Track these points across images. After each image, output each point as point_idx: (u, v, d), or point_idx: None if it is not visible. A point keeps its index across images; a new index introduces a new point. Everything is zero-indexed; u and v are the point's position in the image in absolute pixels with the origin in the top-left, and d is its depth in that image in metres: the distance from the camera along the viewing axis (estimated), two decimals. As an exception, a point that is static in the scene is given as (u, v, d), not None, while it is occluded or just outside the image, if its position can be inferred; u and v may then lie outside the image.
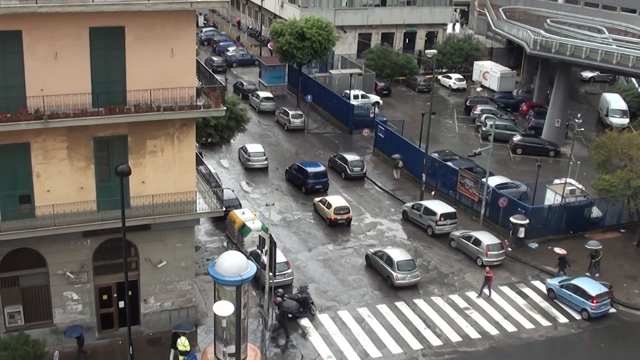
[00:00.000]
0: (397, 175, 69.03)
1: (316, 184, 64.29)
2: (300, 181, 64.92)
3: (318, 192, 63.98)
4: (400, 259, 50.56)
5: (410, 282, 50.24)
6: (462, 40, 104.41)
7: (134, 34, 35.10)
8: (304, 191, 64.39)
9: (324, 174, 65.08)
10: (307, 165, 65.85)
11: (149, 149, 37.48)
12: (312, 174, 64.45)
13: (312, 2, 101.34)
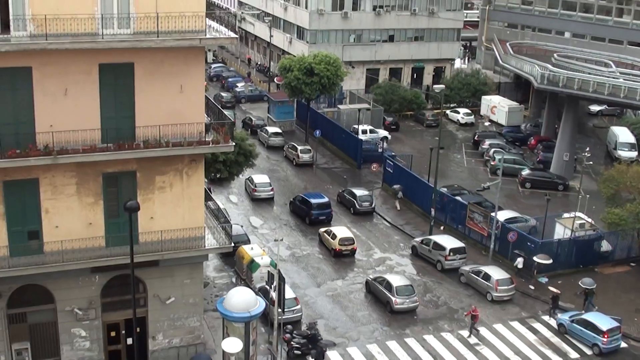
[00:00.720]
0: (398, 206, 69.19)
1: (320, 215, 64.61)
2: (304, 212, 65.30)
3: (322, 223, 64.14)
4: (399, 284, 51.11)
5: (409, 307, 50.73)
6: (469, 75, 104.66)
7: (143, 70, 35.26)
8: (307, 222, 64.72)
9: (327, 205, 65.45)
10: (311, 197, 66.27)
11: (157, 184, 37.50)
12: (315, 205, 64.86)
13: (320, 38, 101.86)
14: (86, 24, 33.26)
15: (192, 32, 35.05)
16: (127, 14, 34.08)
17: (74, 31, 33.04)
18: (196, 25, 35.11)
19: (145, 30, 34.31)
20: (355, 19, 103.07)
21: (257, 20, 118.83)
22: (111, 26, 33.89)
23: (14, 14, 32.68)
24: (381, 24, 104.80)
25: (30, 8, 32.64)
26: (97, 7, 33.45)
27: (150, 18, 34.08)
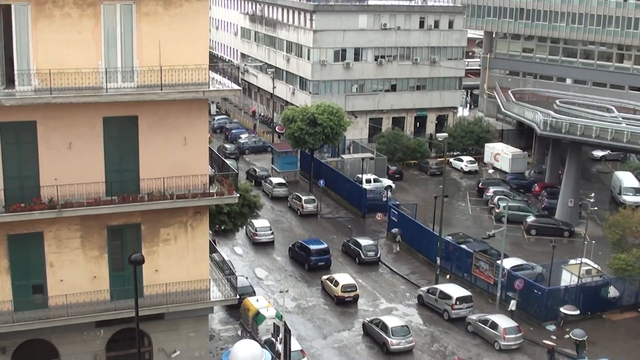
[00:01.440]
0: (397, 249, 69.15)
1: (319, 260, 65.15)
2: (303, 258, 65.84)
3: (321, 269, 64.52)
4: (394, 325, 51.61)
5: (405, 347, 50.96)
6: (472, 122, 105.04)
7: (147, 123, 35.40)
8: (306, 268, 65.22)
9: (326, 251, 65.94)
10: (310, 243, 66.80)
11: (162, 237, 37.44)
12: (314, 251, 65.39)
13: (323, 88, 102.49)
14: (90, 77, 33.49)
15: (195, 85, 35.26)
16: (130, 67, 34.33)
17: (78, 85, 33.25)
18: (199, 77, 35.33)
19: (148, 84, 34.53)
20: (358, 69, 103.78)
21: (260, 72, 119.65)
22: (115, 80, 34.12)
23: (18, 69, 32.95)
24: (383, 73, 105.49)
25: (35, 63, 32.91)
26: (101, 61, 33.71)
27: (153, 71, 34.31)
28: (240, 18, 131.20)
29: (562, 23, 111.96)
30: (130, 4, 33.85)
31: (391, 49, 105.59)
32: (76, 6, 32.99)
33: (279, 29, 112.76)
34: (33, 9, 32.56)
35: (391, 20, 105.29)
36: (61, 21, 32.90)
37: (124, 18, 33.96)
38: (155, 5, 34.13)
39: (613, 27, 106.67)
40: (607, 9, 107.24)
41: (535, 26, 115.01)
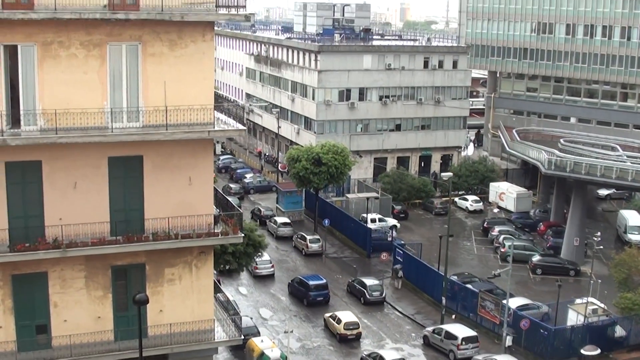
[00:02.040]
0: (398, 285, 68.95)
1: (317, 296, 65.82)
2: (302, 294, 66.43)
3: (320, 304, 65.09)
4: (391, 358, 52.26)
5: None
6: (477, 162, 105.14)
7: (152, 163, 35.46)
8: (305, 303, 65.73)
9: (324, 286, 66.60)
10: (309, 279, 67.39)
11: (166, 277, 37.34)
12: (313, 287, 66.08)
13: (327, 128, 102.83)
14: (96, 117, 33.62)
15: (200, 125, 35.35)
16: (136, 107, 34.46)
17: (83, 125, 33.37)
18: (205, 117, 35.43)
19: (154, 124, 34.62)
20: (362, 109, 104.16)
21: (265, 111, 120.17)
22: (120, 120, 34.24)
23: (24, 109, 33.10)
24: (388, 113, 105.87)
25: (41, 103, 33.07)
26: (106, 101, 33.87)
27: (159, 111, 34.44)
28: (246, 58, 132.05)
29: (565, 62, 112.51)
30: (136, 45, 34.08)
31: (395, 88, 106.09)
32: (82, 47, 33.22)
33: (284, 69, 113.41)
34: (39, 50, 32.79)
35: (395, 61, 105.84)
36: (67, 62, 33.11)
37: (129, 58, 34.17)
38: (161, 46, 34.36)
39: (617, 66, 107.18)
40: (610, 48, 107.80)
41: (539, 66, 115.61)
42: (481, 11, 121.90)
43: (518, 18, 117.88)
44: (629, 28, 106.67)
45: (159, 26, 33.99)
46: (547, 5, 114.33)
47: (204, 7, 34.60)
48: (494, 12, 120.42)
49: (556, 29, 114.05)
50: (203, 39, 34.95)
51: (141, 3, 33.46)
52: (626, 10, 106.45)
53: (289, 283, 69.17)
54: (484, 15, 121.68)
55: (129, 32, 33.74)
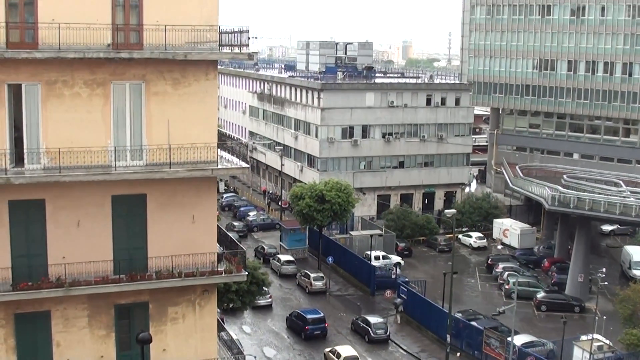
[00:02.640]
0: (399, 320, 68.69)
1: (315, 329, 66.21)
2: (300, 327, 66.80)
3: (317, 338, 65.51)
4: None
5: None
6: (480, 198, 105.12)
7: (155, 201, 35.46)
8: (303, 337, 66.08)
9: (322, 320, 67.06)
10: (307, 313, 67.81)
11: (170, 316, 37.18)
12: (310, 320, 66.44)
13: (331, 165, 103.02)
14: (99, 156, 33.68)
15: (204, 163, 35.37)
16: (139, 146, 34.53)
17: (87, 163, 33.43)
18: (208, 156, 35.47)
19: (157, 162, 34.66)
20: (365, 146, 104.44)
21: (268, 149, 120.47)
22: (124, 158, 34.28)
23: (28, 147, 33.17)
24: (391, 150, 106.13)
25: (44, 142, 33.14)
26: (110, 139, 33.94)
27: (162, 150, 34.49)
28: (249, 97, 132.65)
29: (568, 99, 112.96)
30: (139, 84, 34.22)
31: (398, 126, 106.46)
32: (86, 86, 33.38)
33: (287, 107, 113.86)
34: (43, 89, 32.93)
35: (398, 98, 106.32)
36: (71, 100, 33.24)
37: (133, 97, 34.29)
38: (165, 85, 34.51)
39: (619, 102, 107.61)
40: (612, 84, 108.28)
41: (541, 102, 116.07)
42: (483, 48, 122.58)
43: (520, 55, 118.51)
44: (630, 64, 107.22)
45: (163, 65, 34.16)
46: (549, 42, 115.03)
47: (207, 45, 34.76)
48: (495, 50, 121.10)
49: (558, 66, 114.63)
50: (206, 77, 35.10)
51: (145, 42, 33.65)
52: (627, 46, 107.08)
53: (287, 317, 69.49)
54: (486, 52, 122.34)
55: (132, 71, 33.90)
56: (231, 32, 35.81)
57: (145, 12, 33.58)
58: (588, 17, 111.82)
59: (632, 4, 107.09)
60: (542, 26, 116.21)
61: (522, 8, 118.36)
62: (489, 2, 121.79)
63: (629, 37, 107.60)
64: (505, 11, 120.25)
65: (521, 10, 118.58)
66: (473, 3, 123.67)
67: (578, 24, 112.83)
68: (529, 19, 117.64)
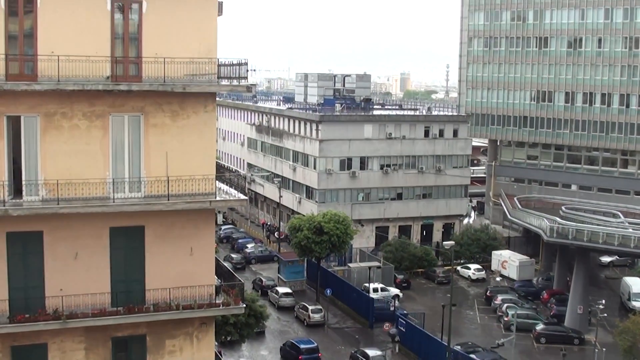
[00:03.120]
0: (396, 349, 68.46)
1: (308, 359, 65.85)
2: (293, 357, 66.62)
3: None
4: None
5: None
6: (479, 230, 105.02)
7: (154, 233, 35.42)
8: None
9: (315, 350, 66.95)
10: (301, 343, 67.69)
11: (167, 348, 36.99)
12: (304, 350, 66.32)
13: (329, 197, 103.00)
14: (97, 188, 33.68)
15: (202, 195, 35.38)
16: (138, 178, 34.55)
17: (85, 195, 33.42)
18: (206, 188, 35.48)
19: (155, 194, 34.66)
20: (364, 178, 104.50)
21: (267, 181, 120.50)
22: (122, 190, 34.30)
23: (26, 179, 33.18)
24: (389, 182, 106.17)
25: (43, 173, 33.16)
26: (108, 171, 33.97)
27: (161, 182, 34.50)
28: (247, 129, 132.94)
29: (565, 130, 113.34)
30: (138, 116, 34.30)
31: (396, 157, 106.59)
32: (85, 118, 33.46)
33: (285, 139, 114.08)
34: (42, 121, 33.01)
35: (396, 130, 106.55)
36: (69, 132, 33.31)
37: (132, 129, 34.37)
38: (163, 117, 34.59)
39: (616, 133, 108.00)
40: (609, 116, 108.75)
41: (539, 133, 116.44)
42: (481, 80, 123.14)
43: (517, 87, 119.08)
44: (627, 95, 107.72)
45: (161, 97, 34.27)
46: (546, 73, 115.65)
47: (205, 78, 34.88)
48: (493, 81, 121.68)
49: (555, 97, 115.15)
50: (205, 109, 35.21)
51: (143, 74, 33.78)
52: (624, 77, 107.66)
53: (280, 347, 69.31)
54: (483, 84, 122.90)
55: (131, 103, 34.00)
56: (230, 64, 35.95)
57: (145, 45, 33.75)
58: (585, 49, 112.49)
59: (629, 35, 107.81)
60: (540, 58, 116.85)
61: (520, 40, 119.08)
62: (486, 35, 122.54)
63: (626, 69, 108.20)
64: (502, 43, 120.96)
65: (518, 42, 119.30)
66: (470, 35, 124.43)
67: (575, 55, 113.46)
68: (526, 51, 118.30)
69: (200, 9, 34.50)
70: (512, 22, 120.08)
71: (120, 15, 33.62)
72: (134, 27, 33.86)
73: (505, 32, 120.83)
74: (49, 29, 32.41)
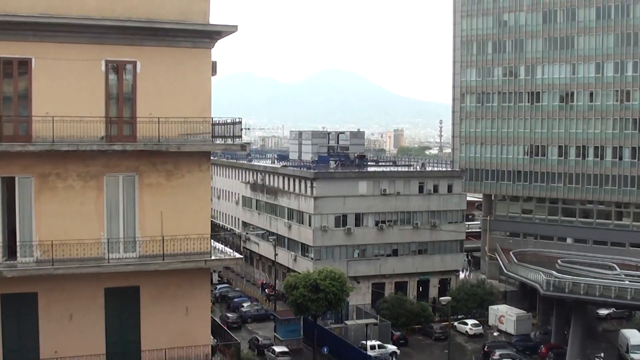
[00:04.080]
0: None
1: None
2: None
3: None
4: None
5: None
6: (475, 285, 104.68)
7: (149, 293, 35.23)
8: None
9: None
10: None
11: (164, 409, 36.59)
12: None
13: (324, 254, 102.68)
14: (92, 248, 33.58)
15: (197, 254, 35.26)
16: (132, 237, 34.49)
17: (80, 256, 33.31)
18: (201, 247, 35.38)
19: (151, 254, 34.56)
20: (359, 235, 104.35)
21: (262, 239, 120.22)
22: (117, 250, 34.21)
23: (20, 240, 33.10)
24: (384, 238, 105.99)
25: (37, 234, 33.09)
26: (103, 232, 33.91)
27: (155, 241, 34.43)
28: (242, 187, 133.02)
29: (559, 184, 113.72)
30: (132, 176, 34.36)
31: (391, 213, 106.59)
32: (79, 178, 33.49)
33: (280, 196, 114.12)
34: (36, 182, 33.03)
35: (391, 186, 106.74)
36: (64, 193, 33.31)
37: (126, 189, 34.39)
38: (158, 177, 34.64)
39: (610, 185, 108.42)
40: (603, 169, 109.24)
41: (533, 187, 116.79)
42: (474, 135, 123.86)
43: (511, 141, 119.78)
44: (620, 148, 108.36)
45: (156, 157, 34.34)
46: (539, 128, 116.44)
47: (200, 137, 35.01)
48: (486, 137, 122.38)
49: (549, 151, 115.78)
50: (199, 168, 35.28)
51: (138, 134, 33.88)
52: (616, 130, 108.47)
53: None
54: (477, 139, 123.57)
55: (126, 163, 34.06)
56: (224, 123, 36.12)
57: (139, 105, 33.93)
58: (577, 103, 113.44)
59: (620, 89, 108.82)
60: (532, 113, 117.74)
61: (512, 95, 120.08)
62: (478, 91, 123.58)
63: (618, 122, 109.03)
64: (495, 99, 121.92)
65: (511, 97, 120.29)
66: (463, 91, 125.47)
67: (567, 109, 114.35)
68: (518, 106, 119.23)
69: (194, 68, 34.78)
70: (504, 77, 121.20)
71: (114, 76, 33.86)
72: (129, 88, 34.08)
73: (497, 87, 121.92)
74: (43, 91, 32.60)
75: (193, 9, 34.73)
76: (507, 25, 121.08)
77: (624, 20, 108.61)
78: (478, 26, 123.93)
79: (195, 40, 34.65)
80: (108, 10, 33.25)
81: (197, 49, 34.79)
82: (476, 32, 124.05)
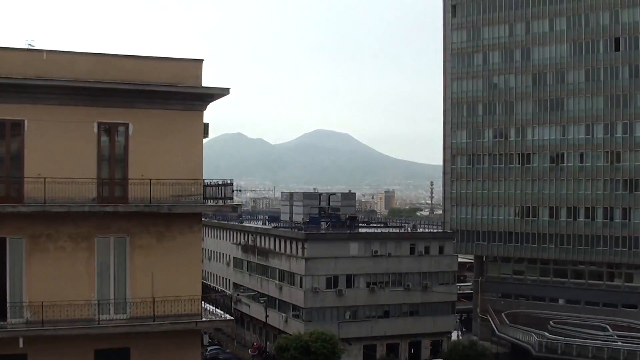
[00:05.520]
0: None
1: None
2: None
3: None
4: None
5: None
6: (467, 347, 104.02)
7: (139, 355, 34.95)
8: None
9: None
10: None
11: None
12: None
13: (315, 316, 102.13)
14: (82, 310, 33.43)
15: (188, 316, 35.15)
16: (123, 299, 34.38)
17: (70, 317, 33.15)
18: (192, 308, 35.26)
19: (141, 315, 34.42)
20: (350, 296, 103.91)
21: (253, 301, 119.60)
22: (107, 312, 34.07)
23: (11, 301, 32.96)
24: (376, 299, 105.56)
25: (28, 295, 32.97)
26: (94, 293, 33.82)
27: (146, 303, 34.31)
28: (233, 248, 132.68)
29: (551, 245, 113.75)
30: (124, 237, 34.37)
31: (383, 275, 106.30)
32: (70, 240, 33.47)
33: (271, 257, 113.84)
34: (27, 243, 33.00)
35: (382, 247, 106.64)
36: (55, 254, 33.27)
37: (117, 251, 34.37)
38: (149, 238, 34.65)
39: (601, 246, 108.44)
40: (594, 229, 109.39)
41: (524, 249, 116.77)
42: (465, 197, 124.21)
43: (502, 203, 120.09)
44: (611, 209, 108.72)
45: (147, 218, 34.40)
46: (530, 189, 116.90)
47: (191, 199, 35.12)
48: (477, 198, 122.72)
49: (540, 212, 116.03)
50: (191, 230, 35.34)
51: (129, 196, 33.97)
52: (607, 191, 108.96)
53: None
54: (467, 201, 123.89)
55: (117, 225, 34.10)
56: (215, 185, 36.28)
57: (131, 167, 34.07)
58: (567, 164, 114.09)
59: (610, 150, 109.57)
60: (523, 174, 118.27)
61: (502, 157, 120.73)
62: (469, 152, 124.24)
63: (608, 183, 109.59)
64: (485, 160, 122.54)
65: (501, 159, 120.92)
66: (454, 153, 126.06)
67: (558, 171, 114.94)
68: (509, 167, 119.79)
69: (186, 131, 35.02)
70: (494, 139, 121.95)
71: (106, 138, 34.06)
72: (120, 149, 34.25)
73: (488, 149, 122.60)
74: (35, 152, 32.75)
75: (186, 72, 35.12)
76: (497, 87, 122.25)
77: (613, 82, 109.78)
78: (468, 88, 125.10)
79: (188, 103, 34.96)
80: (101, 73, 33.58)
81: (189, 112, 35.08)
82: (466, 94, 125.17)
